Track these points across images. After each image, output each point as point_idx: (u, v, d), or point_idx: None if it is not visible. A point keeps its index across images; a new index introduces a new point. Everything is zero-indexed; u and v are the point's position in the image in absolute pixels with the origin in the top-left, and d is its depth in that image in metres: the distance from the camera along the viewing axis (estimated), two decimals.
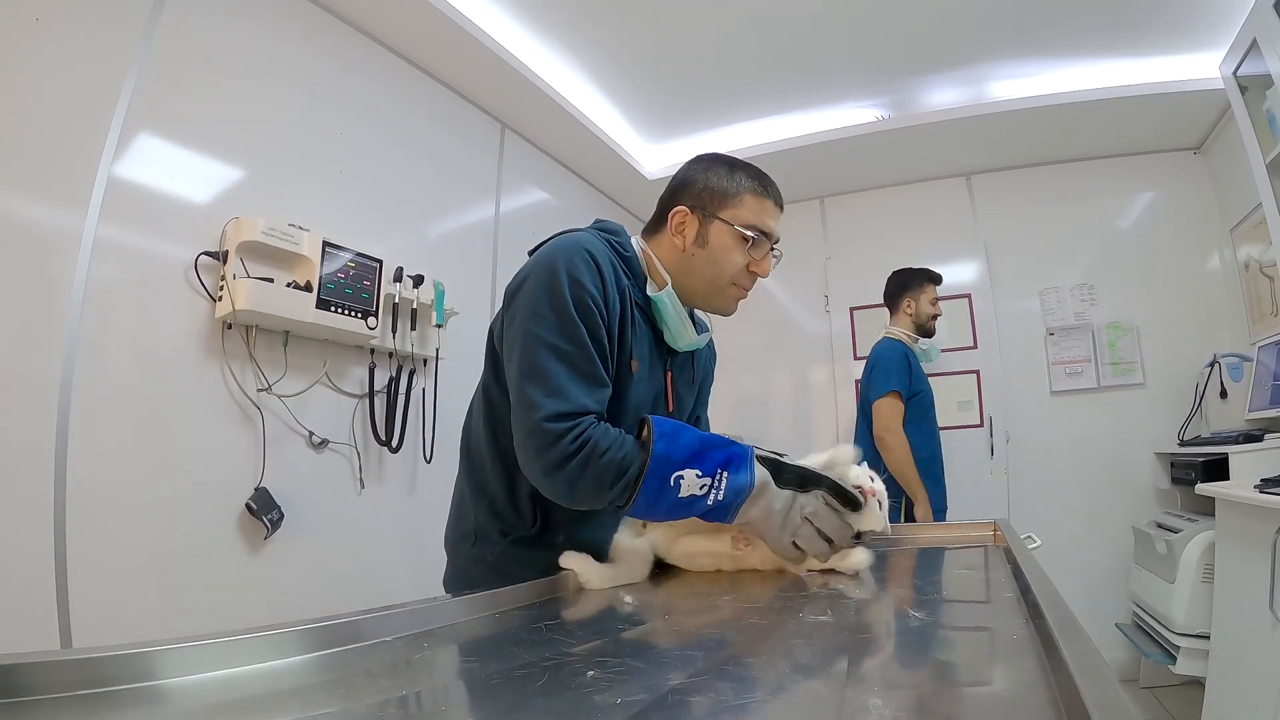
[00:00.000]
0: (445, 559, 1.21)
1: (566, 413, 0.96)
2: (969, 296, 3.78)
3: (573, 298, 1.01)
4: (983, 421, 3.64)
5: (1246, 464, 2.42)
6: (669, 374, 1.21)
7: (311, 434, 2.13)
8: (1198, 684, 2.47)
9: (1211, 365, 3.19)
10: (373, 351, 2.32)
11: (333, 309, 2.06)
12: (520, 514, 1.10)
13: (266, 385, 1.99)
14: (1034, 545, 1.15)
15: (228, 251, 1.90)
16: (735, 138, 3.57)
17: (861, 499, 0.97)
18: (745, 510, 0.95)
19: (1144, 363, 3.47)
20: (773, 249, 1.18)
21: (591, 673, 0.54)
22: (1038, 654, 0.53)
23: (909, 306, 3.06)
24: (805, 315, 4.15)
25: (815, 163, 3.71)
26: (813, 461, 1.03)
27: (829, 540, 0.96)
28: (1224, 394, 3.13)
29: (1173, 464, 3.10)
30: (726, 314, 1.22)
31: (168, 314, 1.82)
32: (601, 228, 1.17)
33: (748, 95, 3.25)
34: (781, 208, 1.19)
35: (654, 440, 0.96)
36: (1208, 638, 2.37)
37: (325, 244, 2.07)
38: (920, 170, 3.91)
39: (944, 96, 3.32)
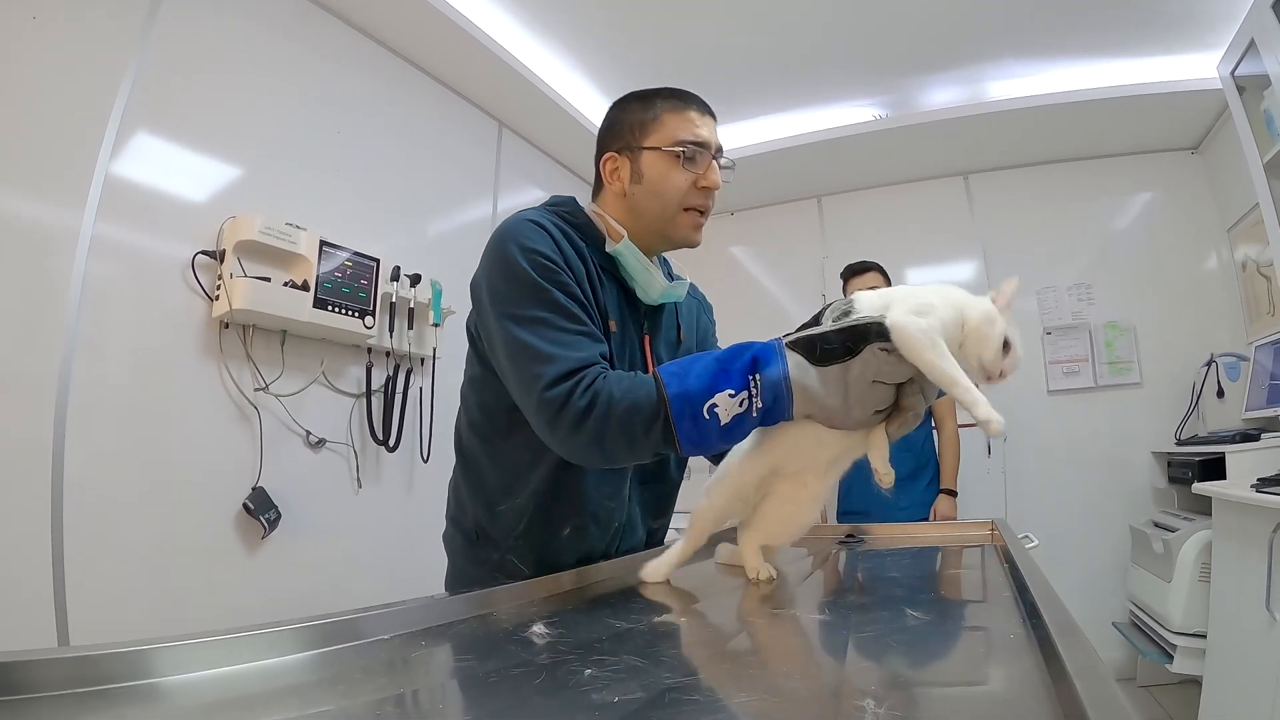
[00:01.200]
0: (443, 558, 1.19)
1: (565, 373, 0.90)
2: None
3: (531, 265, 0.96)
4: None
5: (1243, 463, 2.43)
6: (645, 336, 1.15)
7: (309, 433, 2.13)
8: (1194, 683, 2.47)
9: (1208, 365, 3.20)
10: (370, 351, 2.31)
11: (330, 308, 2.06)
12: (521, 510, 1.06)
13: (264, 384, 1.99)
14: (1031, 545, 1.15)
15: (225, 250, 1.89)
16: (733, 136, 3.57)
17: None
18: (799, 404, 0.83)
19: (1141, 362, 3.47)
20: (717, 158, 1.09)
21: (589, 671, 0.54)
22: (1035, 653, 0.53)
23: None
24: (803, 314, 4.12)
25: (813, 162, 3.71)
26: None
27: (909, 382, 0.83)
28: (1221, 393, 3.14)
29: (1170, 463, 3.11)
30: (692, 244, 1.13)
31: (165, 313, 1.82)
32: (549, 203, 1.13)
33: (745, 94, 3.25)
34: (711, 115, 1.11)
35: (665, 385, 0.86)
36: (1204, 637, 2.37)
37: (322, 243, 2.07)
38: (918, 170, 3.91)
39: (941, 96, 3.32)
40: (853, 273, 2.96)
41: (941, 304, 0.84)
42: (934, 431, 2.95)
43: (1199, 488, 2.44)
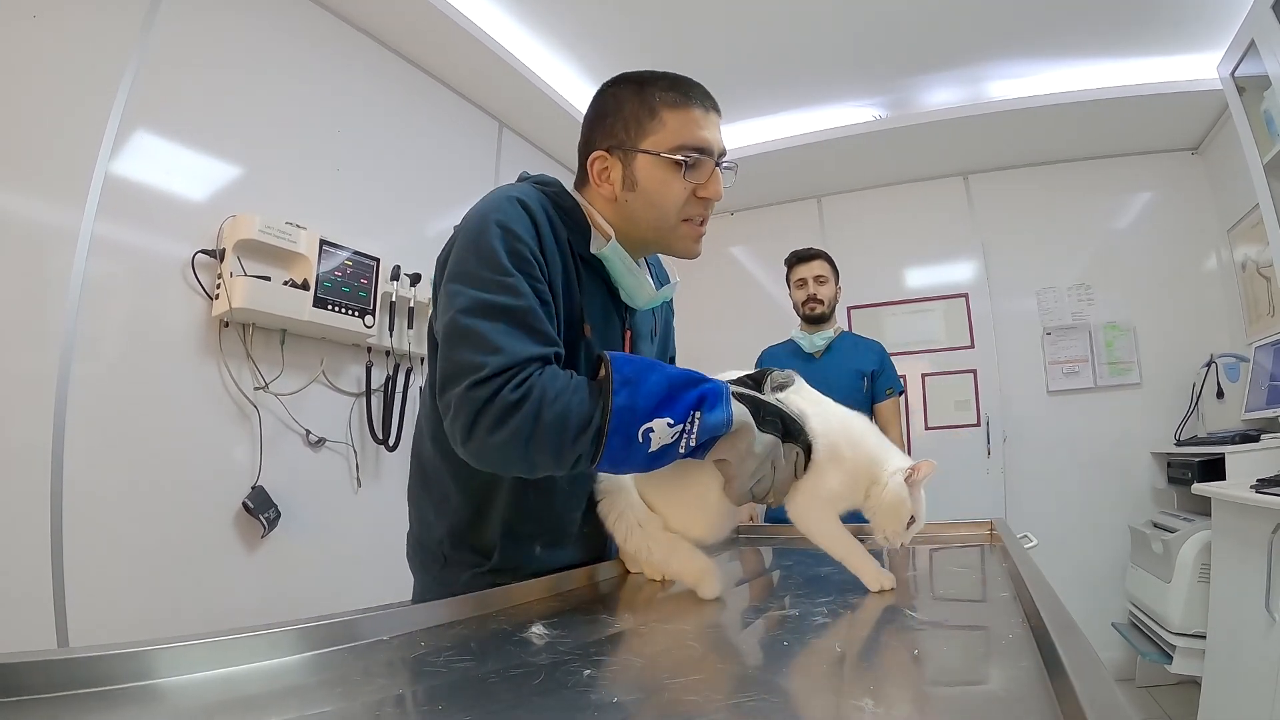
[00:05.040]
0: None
1: (505, 367, 0.81)
2: (966, 296, 3.78)
3: (506, 249, 0.88)
4: (979, 421, 3.64)
5: (1243, 464, 2.43)
6: (628, 332, 1.08)
7: (308, 432, 2.13)
8: (1194, 683, 2.47)
9: (1208, 365, 3.20)
10: (370, 350, 2.31)
11: (330, 307, 2.06)
12: (491, 534, 0.99)
13: (263, 383, 1.99)
14: (1030, 544, 1.15)
15: (225, 249, 1.89)
16: (733, 136, 3.56)
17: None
18: (719, 450, 0.84)
19: (1141, 363, 3.48)
20: (720, 163, 0.99)
21: (588, 672, 0.54)
22: (1034, 653, 0.53)
23: None
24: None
25: (812, 162, 3.71)
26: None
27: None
28: (1220, 394, 3.14)
29: (1169, 464, 3.11)
30: (689, 256, 1.05)
31: (165, 312, 1.82)
32: (536, 180, 1.03)
33: (745, 94, 3.25)
34: (716, 111, 1.00)
35: (613, 391, 0.81)
36: (1204, 637, 2.37)
37: (322, 242, 2.07)
38: (918, 170, 3.91)
39: (942, 96, 3.32)
40: (799, 259, 2.85)
41: (853, 456, 0.87)
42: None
43: (1199, 488, 2.44)
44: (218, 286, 1.87)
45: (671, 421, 0.81)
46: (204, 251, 1.88)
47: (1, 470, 1.49)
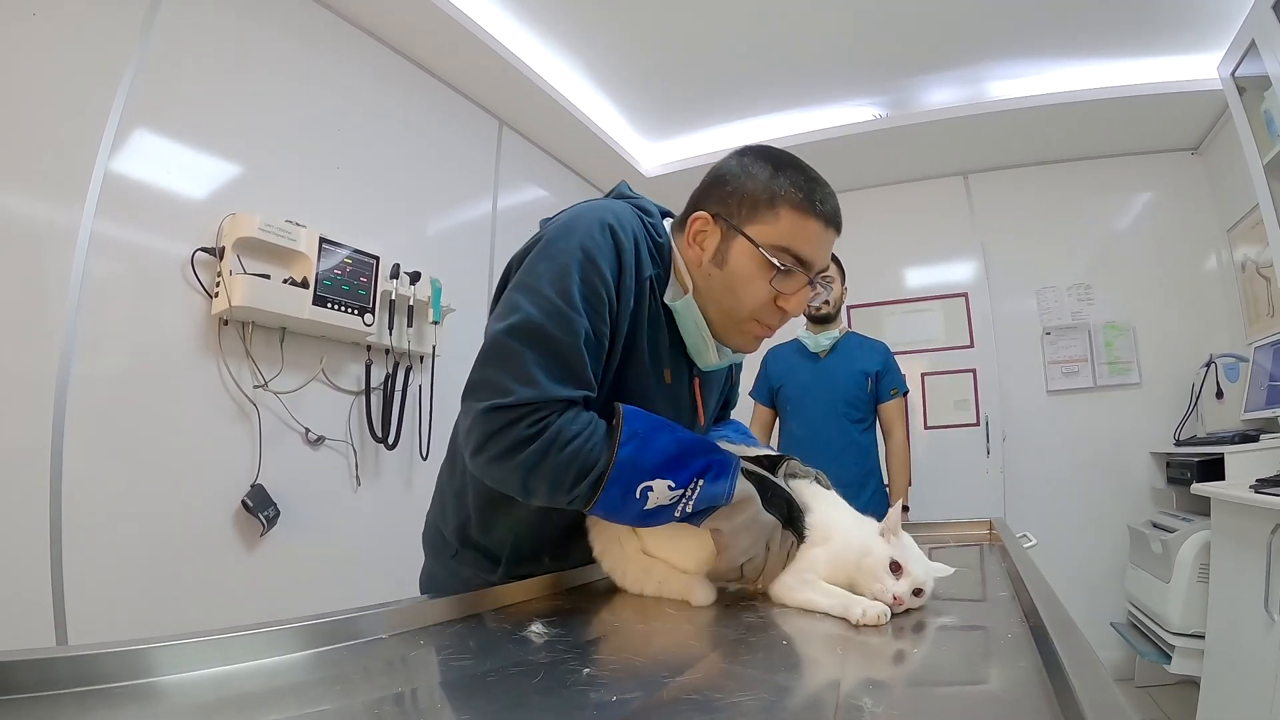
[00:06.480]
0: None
1: (529, 401, 0.80)
2: (965, 295, 3.78)
3: (581, 279, 0.84)
4: (979, 420, 3.64)
5: (1242, 464, 2.43)
6: (695, 379, 1.04)
7: (308, 431, 2.13)
8: (1193, 683, 2.47)
9: (1208, 365, 3.20)
10: (369, 348, 2.31)
11: (329, 305, 2.06)
12: (497, 545, 0.99)
13: (263, 382, 1.99)
14: (1029, 544, 1.15)
15: (224, 248, 1.89)
16: (733, 136, 3.56)
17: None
18: (716, 519, 0.83)
19: (1140, 363, 3.48)
20: (814, 281, 0.94)
21: (587, 670, 0.54)
22: (1033, 653, 0.53)
23: None
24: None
25: (812, 161, 3.51)
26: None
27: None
28: (1220, 394, 3.14)
29: (1168, 464, 3.11)
30: (744, 351, 1.02)
31: (164, 310, 1.81)
32: (635, 204, 0.98)
33: (745, 93, 3.25)
34: (837, 229, 0.94)
35: (619, 444, 0.81)
36: (1203, 637, 2.38)
37: (322, 240, 2.07)
38: (917, 169, 3.90)
39: (941, 95, 3.32)
40: None
41: (843, 541, 0.84)
42: (881, 438, 2.80)
43: (1198, 488, 2.44)
44: (217, 285, 1.87)
45: (673, 485, 0.81)
46: (203, 250, 1.88)
47: (1, 470, 1.49)
